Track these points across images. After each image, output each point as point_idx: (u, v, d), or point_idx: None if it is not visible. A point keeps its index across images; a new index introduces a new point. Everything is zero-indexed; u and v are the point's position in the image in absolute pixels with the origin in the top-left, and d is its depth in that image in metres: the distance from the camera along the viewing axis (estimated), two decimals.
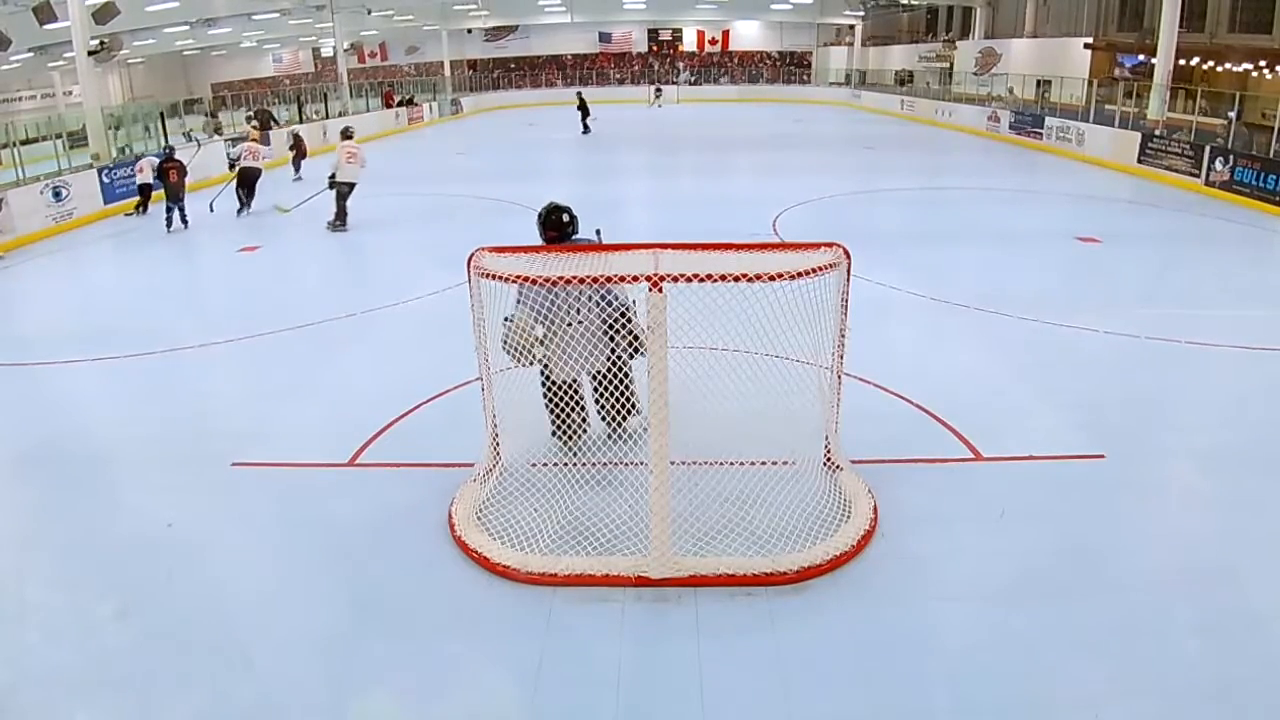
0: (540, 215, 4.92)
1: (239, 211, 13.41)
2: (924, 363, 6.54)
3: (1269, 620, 3.64)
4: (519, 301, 4.64)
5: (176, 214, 12.52)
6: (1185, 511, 4.61)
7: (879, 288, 8.20)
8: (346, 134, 12.51)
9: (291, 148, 17.19)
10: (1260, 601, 3.76)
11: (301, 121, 23.34)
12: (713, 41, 46.39)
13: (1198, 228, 11.92)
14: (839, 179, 15.87)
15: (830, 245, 4.22)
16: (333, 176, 11.83)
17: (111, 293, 9.88)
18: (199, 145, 14.65)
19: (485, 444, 4.67)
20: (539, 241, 4.90)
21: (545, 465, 4.79)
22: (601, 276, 3.89)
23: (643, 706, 3.21)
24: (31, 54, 26.26)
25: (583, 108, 25.73)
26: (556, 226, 4.85)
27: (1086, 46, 27.13)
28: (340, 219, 11.90)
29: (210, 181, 15.65)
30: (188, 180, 12.84)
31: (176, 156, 12.97)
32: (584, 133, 25.03)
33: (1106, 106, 19.95)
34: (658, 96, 38.36)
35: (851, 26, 42.72)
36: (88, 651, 3.57)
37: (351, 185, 11.86)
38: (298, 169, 17.06)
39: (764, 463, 4.61)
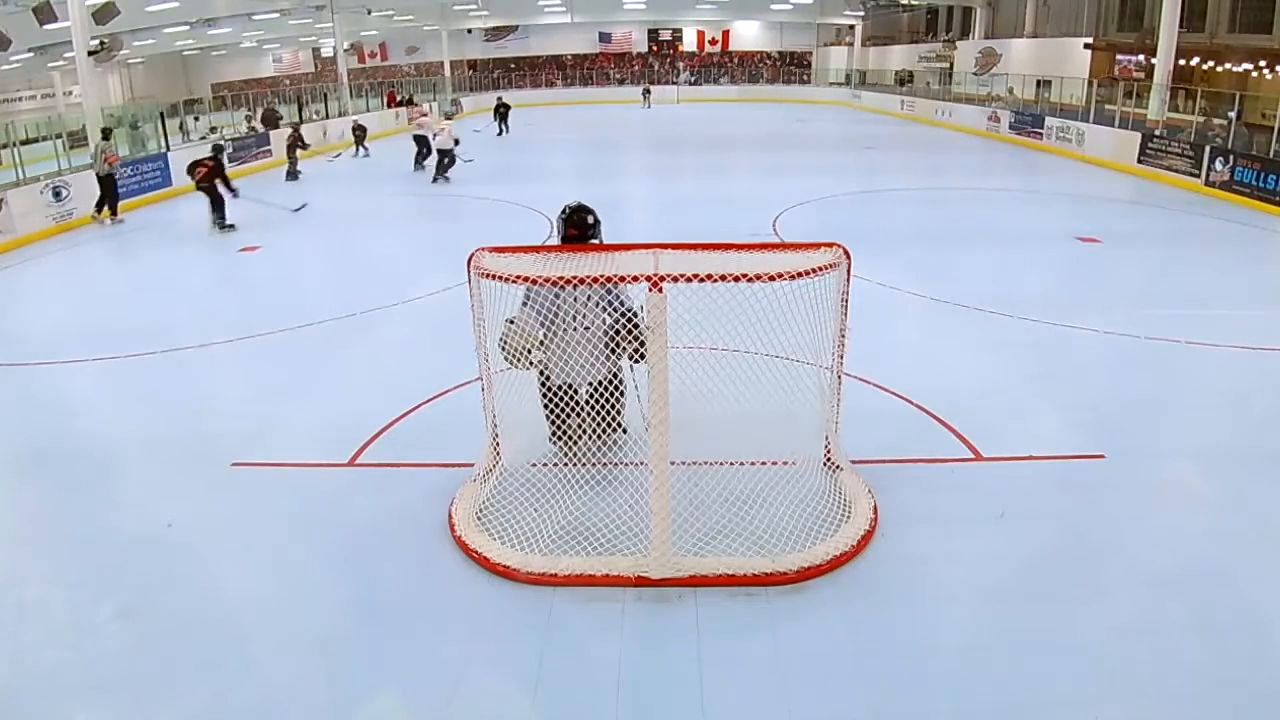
0: (564, 212, 4.87)
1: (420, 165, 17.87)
2: (924, 363, 6.54)
3: (1268, 620, 3.64)
4: (525, 303, 4.63)
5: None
6: (1185, 512, 4.61)
7: (879, 288, 8.20)
8: (448, 116, 19.29)
9: (356, 135, 21.83)
10: (1259, 602, 3.76)
11: (302, 121, 23.41)
12: (713, 42, 46.40)
13: (1198, 228, 11.92)
14: (839, 179, 15.88)
15: (830, 245, 4.22)
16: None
17: (112, 293, 9.88)
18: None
19: (485, 444, 4.68)
20: (548, 240, 4.88)
21: (545, 465, 4.79)
22: (602, 276, 3.89)
23: (643, 706, 3.21)
24: (31, 54, 26.25)
25: (500, 110, 26.30)
26: (579, 226, 4.80)
27: (1086, 46, 27.14)
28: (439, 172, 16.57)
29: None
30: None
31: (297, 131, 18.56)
32: (499, 134, 25.44)
33: (1106, 106, 19.95)
34: (646, 96, 38.47)
35: (851, 26, 42.75)
36: (88, 651, 3.58)
37: (443, 150, 16.48)
38: (358, 149, 21.64)
39: (764, 463, 4.61)
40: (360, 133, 21.91)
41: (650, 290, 3.60)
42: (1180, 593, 3.84)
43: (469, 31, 44.20)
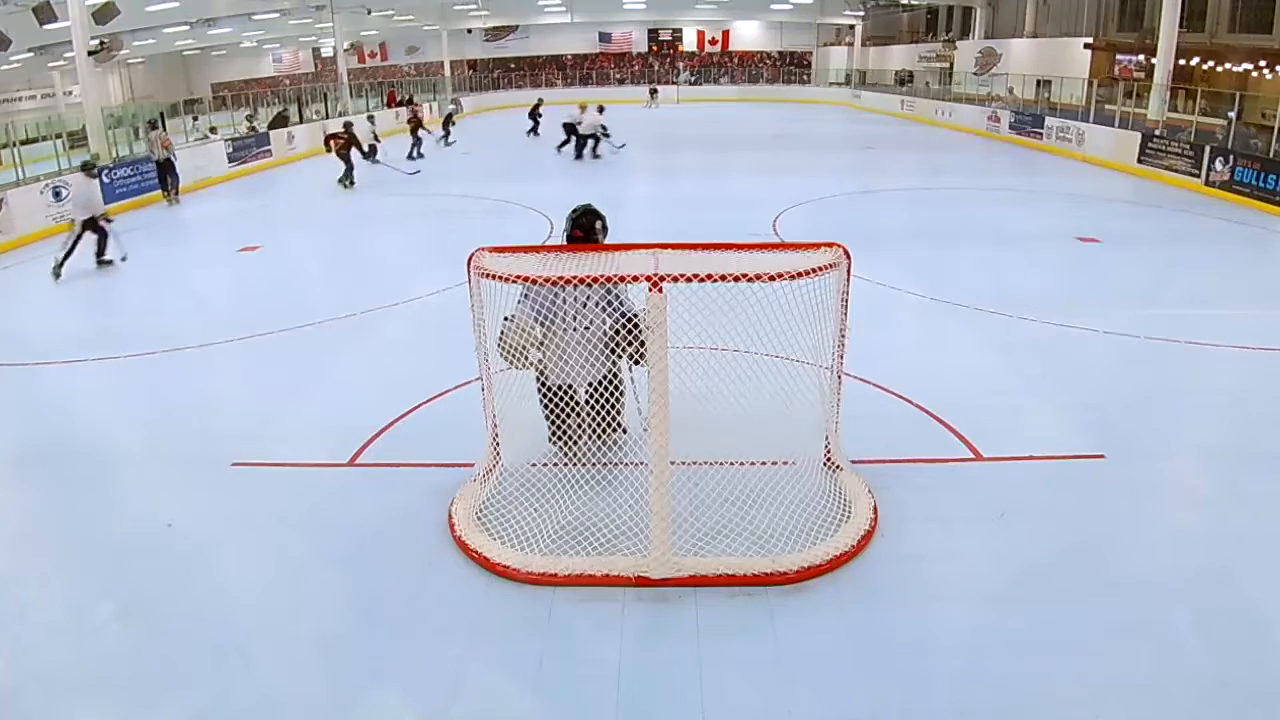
0: (573, 213, 4.87)
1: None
2: (924, 363, 6.54)
3: (1268, 620, 3.65)
4: (521, 300, 4.63)
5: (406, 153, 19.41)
6: (1185, 512, 4.61)
7: (879, 288, 8.20)
8: (600, 109, 19.87)
9: (446, 122, 24.00)
10: (1260, 601, 3.76)
11: (301, 121, 23.45)
12: (713, 41, 46.38)
13: (1198, 228, 11.92)
14: (839, 179, 15.88)
15: (830, 245, 4.22)
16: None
17: (112, 292, 9.87)
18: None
19: (485, 444, 4.68)
20: (548, 240, 4.88)
21: (545, 465, 4.79)
22: (602, 277, 3.89)
23: (643, 706, 3.22)
24: (31, 54, 26.24)
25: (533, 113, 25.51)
26: (585, 229, 4.79)
27: (1086, 46, 27.14)
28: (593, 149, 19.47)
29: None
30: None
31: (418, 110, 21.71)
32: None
33: (1106, 106, 19.95)
34: (653, 97, 38.24)
35: (851, 26, 42.73)
36: (88, 651, 3.58)
37: (589, 134, 19.33)
38: (448, 135, 23.57)
39: (764, 463, 4.61)
40: (450, 121, 23.81)
41: (650, 290, 3.60)
42: (1180, 593, 3.85)
43: (469, 31, 44.17)
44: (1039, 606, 3.73)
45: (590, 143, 19.36)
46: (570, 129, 19.86)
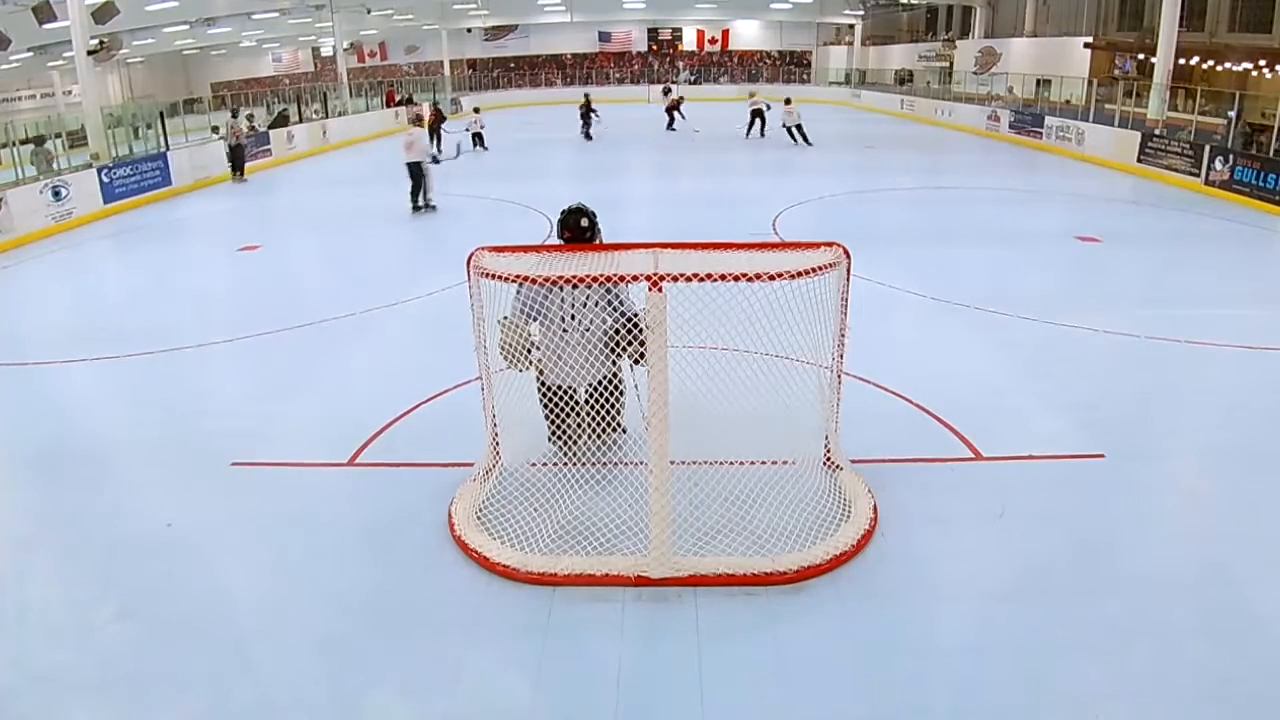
0: (561, 214, 4.88)
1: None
2: (924, 363, 6.54)
3: (1269, 620, 3.64)
4: (515, 299, 4.62)
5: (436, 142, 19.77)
6: (1185, 511, 4.61)
7: (879, 287, 8.20)
8: (786, 101, 21.79)
9: (586, 109, 24.02)
10: (1260, 601, 3.76)
11: (301, 120, 23.41)
12: (712, 41, 46.37)
13: (1198, 228, 11.92)
14: (839, 179, 15.88)
15: (830, 245, 4.22)
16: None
17: (111, 293, 9.88)
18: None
19: (485, 444, 4.68)
20: (547, 240, 4.88)
21: (545, 465, 4.79)
22: (601, 276, 3.89)
23: (643, 706, 3.22)
24: (31, 54, 26.22)
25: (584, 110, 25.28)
26: (574, 229, 4.79)
27: (1086, 46, 27.15)
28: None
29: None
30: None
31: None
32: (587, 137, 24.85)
33: (1106, 106, 19.95)
34: (666, 95, 37.44)
35: (851, 26, 42.73)
36: (88, 651, 3.58)
37: (788, 125, 21.30)
38: (588, 123, 23.99)
39: (764, 462, 4.61)
40: (591, 110, 23.90)
41: (650, 290, 3.60)
42: (1180, 593, 3.85)
43: (469, 31, 44.14)
44: (1039, 606, 3.73)
45: (795, 131, 20.93)
46: (758, 114, 22.99)
